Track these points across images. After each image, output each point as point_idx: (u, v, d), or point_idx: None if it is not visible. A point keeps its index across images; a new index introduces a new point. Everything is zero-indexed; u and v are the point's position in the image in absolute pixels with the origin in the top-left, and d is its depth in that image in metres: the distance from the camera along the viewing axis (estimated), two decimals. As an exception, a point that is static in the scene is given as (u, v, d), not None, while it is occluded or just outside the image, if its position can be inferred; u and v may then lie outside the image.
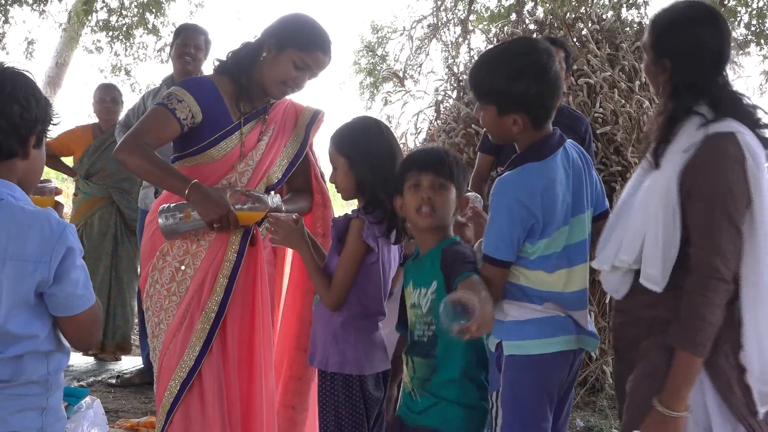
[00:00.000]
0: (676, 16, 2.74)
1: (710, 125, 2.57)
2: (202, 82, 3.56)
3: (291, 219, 3.34)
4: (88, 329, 2.51)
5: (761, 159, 2.56)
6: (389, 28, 17.97)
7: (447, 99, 8.08)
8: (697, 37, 2.68)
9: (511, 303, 2.85)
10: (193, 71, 5.80)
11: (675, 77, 2.69)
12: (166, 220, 3.36)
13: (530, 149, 2.86)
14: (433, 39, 14.37)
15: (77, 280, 2.41)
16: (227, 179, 3.48)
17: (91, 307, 2.47)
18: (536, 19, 8.47)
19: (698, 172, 2.54)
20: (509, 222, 2.76)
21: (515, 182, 2.79)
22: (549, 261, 2.82)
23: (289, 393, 3.70)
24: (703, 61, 2.67)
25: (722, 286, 2.49)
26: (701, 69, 2.67)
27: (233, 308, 3.45)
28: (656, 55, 2.74)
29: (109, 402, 5.66)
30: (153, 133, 3.39)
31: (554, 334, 2.82)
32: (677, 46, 2.69)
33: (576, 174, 2.87)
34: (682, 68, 2.67)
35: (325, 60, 3.49)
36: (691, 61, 2.67)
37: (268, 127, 3.60)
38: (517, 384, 2.81)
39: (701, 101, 2.64)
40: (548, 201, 2.77)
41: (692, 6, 2.77)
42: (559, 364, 2.84)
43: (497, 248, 2.79)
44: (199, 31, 6.09)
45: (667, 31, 2.73)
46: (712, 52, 2.68)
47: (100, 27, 13.22)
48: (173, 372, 3.40)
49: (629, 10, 10.17)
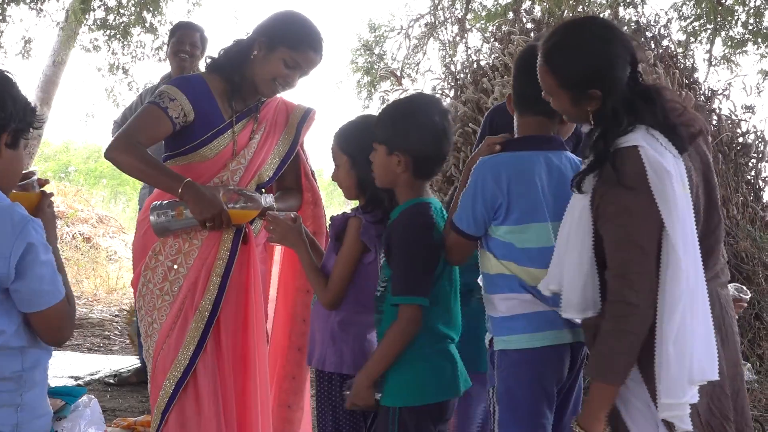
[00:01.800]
0: (577, 43, 2.62)
1: (618, 139, 2.50)
2: (193, 80, 3.55)
3: (289, 217, 3.34)
4: (56, 325, 2.51)
5: (667, 169, 2.45)
6: (386, 27, 17.95)
7: (444, 98, 8.07)
8: (610, 53, 2.57)
9: (501, 297, 2.86)
10: (190, 69, 5.81)
11: (609, 101, 2.55)
12: (158, 217, 3.36)
13: (516, 140, 2.95)
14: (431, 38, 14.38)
15: (42, 276, 2.41)
16: (219, 177, 3.47)
17: (59, 302, 2.47)
18: (533, 18, 8.47)
19: (602, 192, 2.50)
20: (473, 197, 2.83)
21: (487, 162, 2.87)
22: (534, 255, 2.82)
23: (283, 392, 3.70)
24: (624, 75, 2.57)
25: (633, 311, 2.42)
26: (624, 83, 2.57)
27: (227, 307, 3.44)
28: (578, 91, 2.60)
29: (106, 401, 5.66)
30: (145, 132, 3.38)
31: (543, 329, 2.82)
32: (597, 72, 2.57)
33: (561, 181, 2.86)
34: (612, 90, 2.55)
35: (316, 59, 3.48)
36: (616, 80, 2.56)
37: (260, 125, 3.59)
38: (510, 379, 2.83)
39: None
40: (517, 187, 2.81)
41: (585, 25, 2.72)
42: (551, 358, 2.83)
43: (460, 218, 2.86)
44: (194, 28, 6.09)
45: (576, 63, 2.60)
46: (629, 63, 2.59)
47: (98, 26, 13.18)
48: (168, 372, 3.39)
49: (626, 9, 10.18)
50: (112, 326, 8.81)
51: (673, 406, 2.46)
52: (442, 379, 2.92)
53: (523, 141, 2.94)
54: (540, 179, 2.85)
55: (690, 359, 2.44)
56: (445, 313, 2.95)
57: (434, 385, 2.91)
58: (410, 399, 2.88)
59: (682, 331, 2.43)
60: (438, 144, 2.96)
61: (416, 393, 2.89)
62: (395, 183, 3.01)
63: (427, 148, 2.95)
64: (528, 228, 2.83)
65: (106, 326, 8.77)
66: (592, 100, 2.58)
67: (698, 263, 2.49)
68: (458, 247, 2.91)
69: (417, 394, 2.89)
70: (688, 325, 2.43)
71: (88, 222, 13.53)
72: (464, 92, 7.57)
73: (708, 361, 2.49)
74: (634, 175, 2.44)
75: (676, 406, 2.46)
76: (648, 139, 2.50)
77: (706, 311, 2.51)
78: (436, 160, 3.01)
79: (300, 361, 3.67)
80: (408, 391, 2.89)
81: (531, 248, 2.82)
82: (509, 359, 2.84)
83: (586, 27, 2.70)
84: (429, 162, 2.98)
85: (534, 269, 2.81)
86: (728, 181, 6.75)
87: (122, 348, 7.94)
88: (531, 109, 2.93)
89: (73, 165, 21.56)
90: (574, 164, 2.92)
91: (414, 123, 2.94)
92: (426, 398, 2.89)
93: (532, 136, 2.93)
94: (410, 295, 2.84)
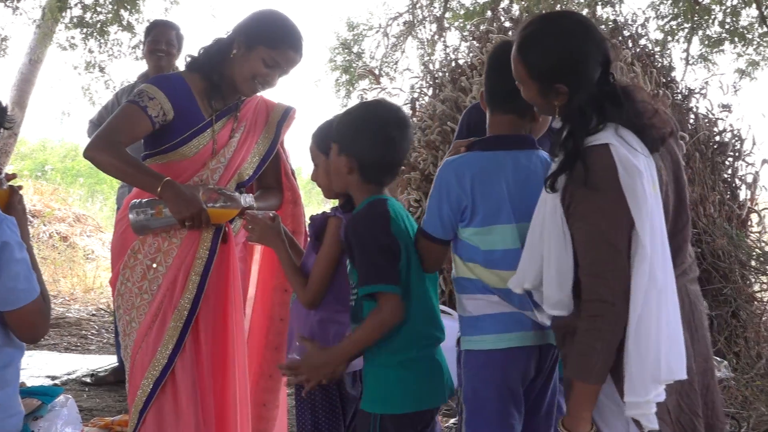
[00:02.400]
0: (551, 36, 2.61)
1: (587, 137, 2.50)
2: (173, 79, 3.54)
3: (268, 217, 3.34)
4: (32, 322, 2.53)
5: (638, 167, 2.44)
6: (365, 26, 17.95)
7: (422, 96, 8.09)
8: (583, 51, 2.56)
9: (468, 297, 2.87)
10: (167, 67, 5.78)
11: (576, 98, 2.55)
12: (137, 215, 3.34)
13: (483, 140, 2.93)
14: (409, 36, 14.38)
15: (17, 274, 2.41)
16: (199, 176, 3.47)
17: (35, 300, 2.48)
18: (511, 17, 8.49)
19: (572, 190, 2.49)
20: (439, 198, 2.83)
21: (452, 163, 2.86)
22: (498, 258, 2.81)
23: (260, 390, 3.70)
24: (594, 74, 2.57)
25: (608, 309, 2.42)
26: (594, 82, 2.56)
27: (206, 306, 3.43)
28: (546, 83, 2.60)
29: (83, 400, 5.64)
30: (124, 131, 3.36)
31: (510, 330, 2.82)
32: (567, 67, 2.57)
33: (529, 181, 2.84)
34: (579, 87, 2.55)
35: (295, 58, 3.47)
36: (585, 78, 2.55)
37: (240, 124, 3.59)
38: (476, 379, 2.83)
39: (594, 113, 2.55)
40: (481, 188, 2.80)
41: (561, 19, 2.71)
42: (517, 359, 2.83)
43: (427, 223, 2.86)
44: (170, 26, 6.07)
45: (548, 55, 2.59)
46: (600, 62, 2.58)
47: (74, 24, 13.11)
48: (146, 370, 3.37)
49: (604, 7, 10.22)
50: (90, 325, 8.76)
51: (637, 404, 2.46)
52: (424, 388, 2.89)
53: (491, 141, 2.92)
54: (506, 180, 2.83)
55: (655, 357, 2.43)
56: (424, 309, 2.93)
57: (416, 394, 2.87)
58: (391, 407, 2.86)
59: (645, 329, 2.42)
60: (386, 152, 2.94)
61: (398, 401, 2.86)
62: (347, 186, 3.01)
63: (373, 155, 2.92)
64: (492, 230, 2.81)
65: (83, 325, 8.72)
66: (559, 94, 2.58)
67: (667, 262, 2.49)
68: (429, 253, 2.90)
69: (398, 402, 2.86)
70: (653, 323, 2.43)
71: (65, 221, 13.44)
72: (442, 91, 7.57)
73: (676, 360, 2.48)
74: (605, 173, 2.43)
75: (641, 405, 2.46)
76: (618, 138, 2.49)
77: (676, 310, 2.50)
78: (385, 168, 2.97)
79: (277, 360, 3.67)
80: (390, 399, 2.86)
81: (495, 250, 2.81)
82: (476, 359, 2.84)
83: (561, 21, 2.68)
84: (376, 168, 2.95)
85: (499, 271, 2.81)
86: (705, 180, 6.78)
87: (99, 347, 7.90)
88: (501, 108, 2.92)
89: (50, 164, 21.42)
90: (545, 164, 2.89)
91: (366, 128, 2.93)
92: (407, 407, 2.86)
93: (500, 136, 2.91)
94: (379, 283, 2.80)
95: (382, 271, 2.81)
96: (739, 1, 12.28)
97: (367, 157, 2.92)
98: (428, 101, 7.83)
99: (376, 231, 2.85)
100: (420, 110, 7.84)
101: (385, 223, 2.86)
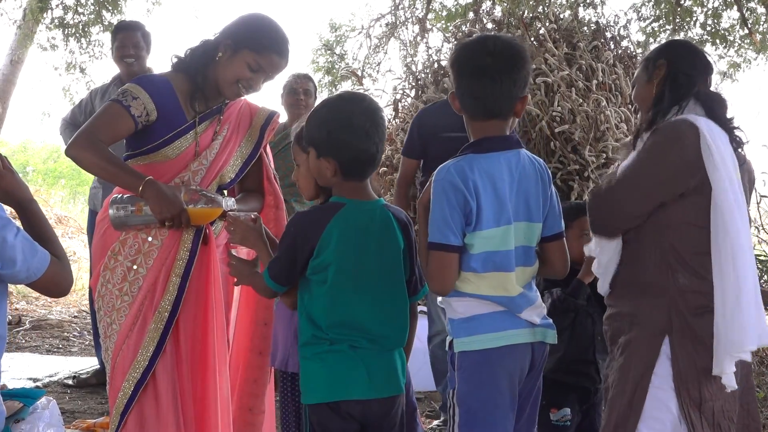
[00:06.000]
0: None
1: (676, 115, 2.96)
2: (156, 80, 3.52)
3: (249, 218, 3.33)
4: (54, 283, 2.72)
5: (721, 147, 2.89)
6: (347, 27, 17.97)
7: (405, 98, 8.10)
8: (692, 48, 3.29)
9: (457, 299, 2.86)
10: (139, 71, 5.72)
11: (673, 69, 3.12)
12: (117, 211, 3.33)
13: (474, 143, 2.88)
14: (392, 38, 14.36)
15: (23, 252, 2.54)
16: (181, 178, 3.45)
17: (48, 268, 2.63)
18: (494, 19, 8.51)
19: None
20: (448, 205, 2.76)
21: (450, 167, 2.81)
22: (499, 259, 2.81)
23: (245, 395, 3.68)
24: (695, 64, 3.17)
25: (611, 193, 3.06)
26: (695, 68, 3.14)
27: (187, 307, 3.42)
28: (653, 61, 3.20)
29: (65, 403, 5.62)
30: (107, 130, 3.35)
31: (502, 328, 2.82)
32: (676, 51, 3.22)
33: (523, 180, 2.86)
34: (679, 64, 3.13)
35: (280, 63, 3.46)
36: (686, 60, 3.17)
37: (223, 126, 3.57)
38: (471, 380, 2.83)
39: (691, 96, 3.05)
40: (485, 189, 2.78)
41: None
42: (511, 357, 2.83)
43: (437, 232, 2.78)
44: (134, 28, 6.03)
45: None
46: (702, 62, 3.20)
47: (56, 24, 13.05)
48: (127, 373, 3.36)
49: (586, 9, 10.23)
50: (72, 327, 8.74)
51: (740, 342, 2.77)
52: (339, 378, 2.88)
53: (483, 143, 2.87)
54: (502, 181, 2.82)
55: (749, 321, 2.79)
56: (340, 307, 2.90)
57: (329, 385, 2.88)
58: (308, 397, 2.91)
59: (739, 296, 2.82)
60: (361, 145, 2.91)
61: (312, 391, 2.90)
62: (332, 185, 3.01)
63: (350, 152, 2.91)
64: (496, 231, 2.80)
65: (65, 327, 8.70)
66: (657, 68, 3.17)
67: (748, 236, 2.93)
68: (446, 267, 2.78)
69: (312, 392, 2.90)
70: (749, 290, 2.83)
71: (47, 222, 13.37)
72: (425, 92, 7.59)
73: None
74: (684, 132, 2.92)
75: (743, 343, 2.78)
76: (705, 121, 2.96)
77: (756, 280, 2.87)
78: (365, 161, 2.95)
79: (261, 364, 3.67)
80: (307, 389, 2.92)
81: (498, 251, 2.80)
82: (469, 360, 2.83)
83: None
84: (356, 163, 2.94)
85: (498, 273, 2.81)
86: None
87: (81, 349, 7.88)
88: (483, 114, 2.87)
89: (32, 165, 21.31)
90: (534, 162, 2.92)
91: (337, 128, 2.91)
92: (317, 397, 2.88)
93: (490, 138, 2.87)
94: (268, 272, 2.98)
95: (275, 263, 2.97)
96: (720, 3, 12.33)
97: (346, 155, 2.91)
98: (411, 102, 7.85)
99: (288, 232, 2.97)
100: (403, 111, 7.85)
101: (300, 223, 2.96)
